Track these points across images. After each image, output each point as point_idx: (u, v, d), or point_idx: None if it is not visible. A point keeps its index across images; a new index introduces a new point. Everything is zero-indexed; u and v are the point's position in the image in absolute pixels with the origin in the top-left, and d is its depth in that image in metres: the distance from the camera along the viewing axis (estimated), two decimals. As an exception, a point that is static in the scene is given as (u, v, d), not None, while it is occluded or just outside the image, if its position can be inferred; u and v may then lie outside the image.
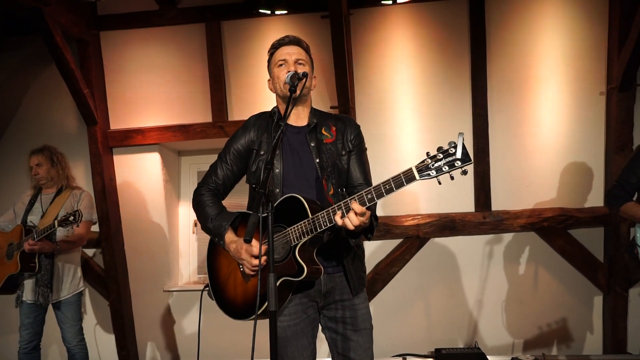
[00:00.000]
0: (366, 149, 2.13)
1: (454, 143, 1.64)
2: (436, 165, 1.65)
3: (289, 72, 1.94)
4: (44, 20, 3.54)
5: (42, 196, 3.41)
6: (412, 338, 4.00)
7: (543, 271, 3.90)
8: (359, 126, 2.13)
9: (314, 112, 2.08)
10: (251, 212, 1.71)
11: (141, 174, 4.26)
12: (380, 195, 1.70)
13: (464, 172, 1.64)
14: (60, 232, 3.27)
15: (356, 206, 1.70)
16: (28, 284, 3.25)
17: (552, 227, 3.81)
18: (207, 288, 2.05)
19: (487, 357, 3.55)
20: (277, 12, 3.85)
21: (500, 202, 3.92)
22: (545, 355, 3.72)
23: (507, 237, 3.93)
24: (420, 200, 3.99)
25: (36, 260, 3.19)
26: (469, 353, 3.62)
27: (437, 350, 3.71)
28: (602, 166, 3.82)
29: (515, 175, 3.92)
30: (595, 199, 3.82)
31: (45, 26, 3.57)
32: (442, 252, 4.00)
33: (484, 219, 3.89)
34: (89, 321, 4.37)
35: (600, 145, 3.83)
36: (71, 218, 3.01)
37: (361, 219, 1.70)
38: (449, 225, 3.91)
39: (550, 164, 3.87)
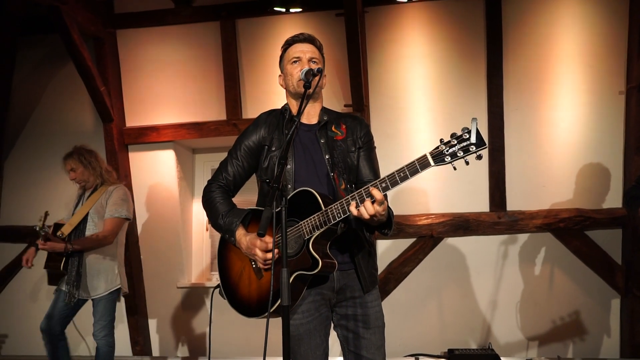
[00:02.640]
0: (375, 147, 2.12)
1: (468, 128, 1.63)
2: (450, 150, 1.64)
3: (302, 69, 1.94)
4: (61, 19, 3.59)
5: (85, 194, 3.44)
6: (424, 338, 3.97)
7: (559, 272, 3.84)
8: (368, 125, 2.15)
9: (324, 110, 2.09)
10: (262, 208, 1.70)
11: (156, 171, 4.29)
12: (394, 183, 1.69)
13: (479, 157, 1.63)
14: (90, 230, 3.29)
15: (375, 192, 1.68)
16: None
17: (568, 228, 3.75)
18: (219, 287, 2.05)
19: (501, 358, 3.51)
20: (291, 10, 3.87)
21: (515, 202, 3.87)
22: (560, 357, 3.67)
23: (522, 237, 3.88)
24: (434, 199, 3.97)
25: (62, 259, 3.22)
26: (482, 354, 3.58)
27: (450, 351, 3.68)
28: (620, 167, 3.75)
29: (531, 175, 3.87)
30: (614, 200, 3.76)
31: (63, 24, 3.62)
32: (456, 252, 3.97)
33: (498, 219, 3.85)
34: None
35: (619, 145, 3.76)
36: (41, 224, 3.15)
37: (377, 208, 1.69)
38: (463, 225, 3.88)
39: (567, 164, 3.82)
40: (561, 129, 3.83)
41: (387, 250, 4.03)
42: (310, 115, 2.05)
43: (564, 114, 3.82)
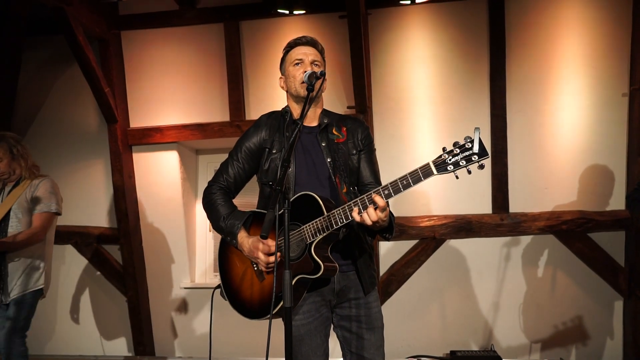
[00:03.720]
0: (375, 149, 2.14)
1: (470, 138, 1.65)
2: (453, 160, 1.66)
3: (305, 71, 1.95)
4: (66, 20, 3.61)
5: (5, 188, 3.12)
6: (427, 340, 3.97)
7: (561, 274, 3.84)
8: (368, 127, 2.15)
9: (324, 113, 2.10)
10: (263, 211, 1.71)
11: (159, 171, 4.31)
12: (397, 191, 1.71)
13: (481, 167, 1.65)
14: (13, 228, 2.97)
15: (378, 199, 1.70)
16: None
17: (571, 230, 3.75)
18: (219, 288, 2.06)
19: (503, 360, 3.52)
20: (295, 12, 3.87)
21: (518, 204, 3.87)
22: (563, 359, 3.66)
23: (525, 239, 3.88)
24: (436, 201, 3.97)
25: None
26: (484, 356, 3.58)
27: (453, 353, 3.68)
28: (623, 169, 3.75)
29: (534, 177, 3.87)
30: (617, 202, 3.75)
31: (68, 26, 3.64)
32: (458, 254, 3.97)
33: (501, 220, 3.85)
34: (107, 316, 4.44)
35: (622, 147, 3.76)
36: None
37: (380, 215, 1.71)
38: (465, 226, 3.88)
39: (570, 166, 3.82)
40: (564, 131, 3.82)
41: (389, 251, 4.04)
42: (311, 118, 2.06)
43: (566, 116, 3.82)
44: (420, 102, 3.98)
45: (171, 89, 4.27)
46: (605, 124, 3.77)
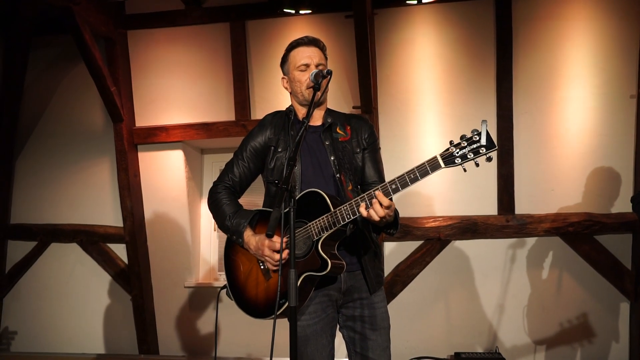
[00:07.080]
0: (380, 148, 2.13)
1: (477, 130, 1.64)
2: (460, 152, 1.65)
3: (312, 73, 1.95)
4: (73, 20, 3.62)
5: None
6: (431, 341, 3.96)
7: (567, 277, 3.82)
8: (372, 125, 2.15)
9: (328, 112, 2.10)
10: (269, 209, 1.71)
11: (165, 171, 4.32)
12: (405, 185, 1.70)
13: (489, 159, 1.64)
14: None
15: (382, 197, 1.69)
16: None
17: (577, 232, 3.73)
18: (225, 288, 2.06)
19: (508, 362, 3.50)
20: (301, 12, 3.87)
21: (524, 205, 3.85)
22: (568, 362, 3.64)
23: (531, 241, 3.86)
24: (441, 201, 3.95)
25: None
26: (489, 358, 3.57)
27: (457, 355, 3.67)
28: (631, 171, 3.72)
29: (540, 179, 3.85)
30: (624, 204, 3.72)
31: (75, 25, 3.65)
32: (464, 255, 3.96)
33: (507, 222, 3.83)
34: (112, 315, 4.45)
35: (630, 149, 3.73)
36: None
37: (386, 210, 1.70)
38: (471, 227, 3.87)
39: (577, 168, 3.80)
40: (571, 133, 3.80)
41: (394, 252, 4.03)
42: (315, 118, 2.07)
43: (573, 118, 3.80)
44: (426, 102, 3.97)
45: (177, 88, 4.28)
46: (613, 125, 3.74)
